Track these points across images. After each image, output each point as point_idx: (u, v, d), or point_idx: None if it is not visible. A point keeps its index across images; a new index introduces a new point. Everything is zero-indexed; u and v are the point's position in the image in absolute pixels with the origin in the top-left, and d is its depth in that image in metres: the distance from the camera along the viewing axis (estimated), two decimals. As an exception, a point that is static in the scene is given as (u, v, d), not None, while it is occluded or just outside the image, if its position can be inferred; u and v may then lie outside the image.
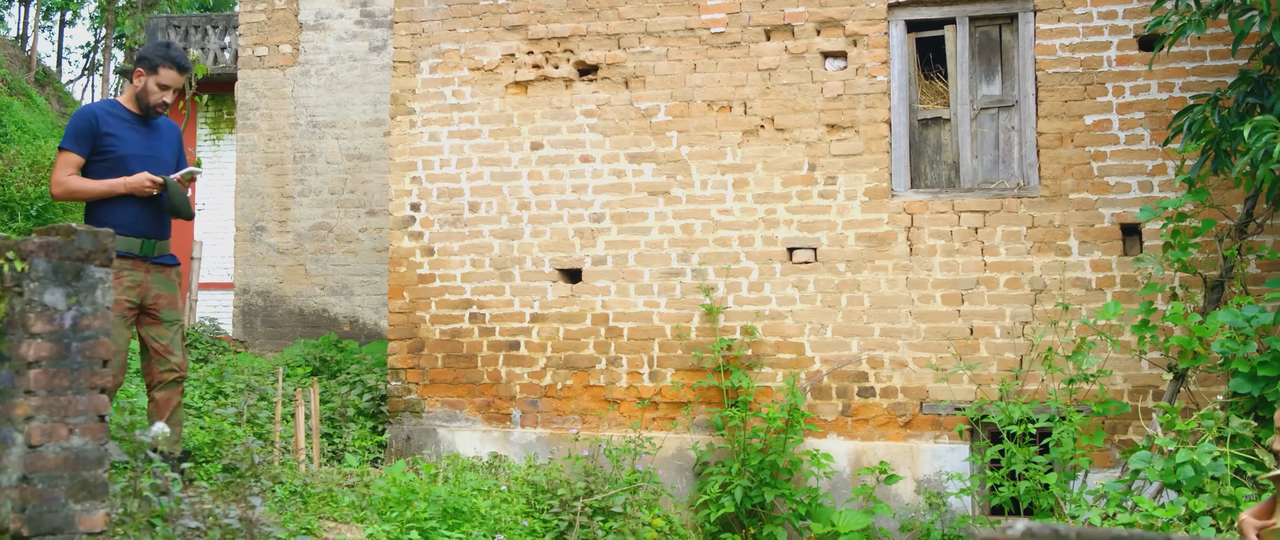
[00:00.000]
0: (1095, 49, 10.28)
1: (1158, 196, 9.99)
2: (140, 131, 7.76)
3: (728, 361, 10.74)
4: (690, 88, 11.06)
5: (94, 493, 5.42)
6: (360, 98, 14.22)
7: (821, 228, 10.71)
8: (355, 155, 14.15)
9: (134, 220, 7.60)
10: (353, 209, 14.10)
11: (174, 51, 7.78)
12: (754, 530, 10.26)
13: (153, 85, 7.68)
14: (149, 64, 7.68)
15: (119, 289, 7.39)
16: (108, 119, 7.66)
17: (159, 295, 7.72)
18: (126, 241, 7.48)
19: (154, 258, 7.70)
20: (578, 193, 11.21)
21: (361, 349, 13.38)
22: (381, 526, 8.64)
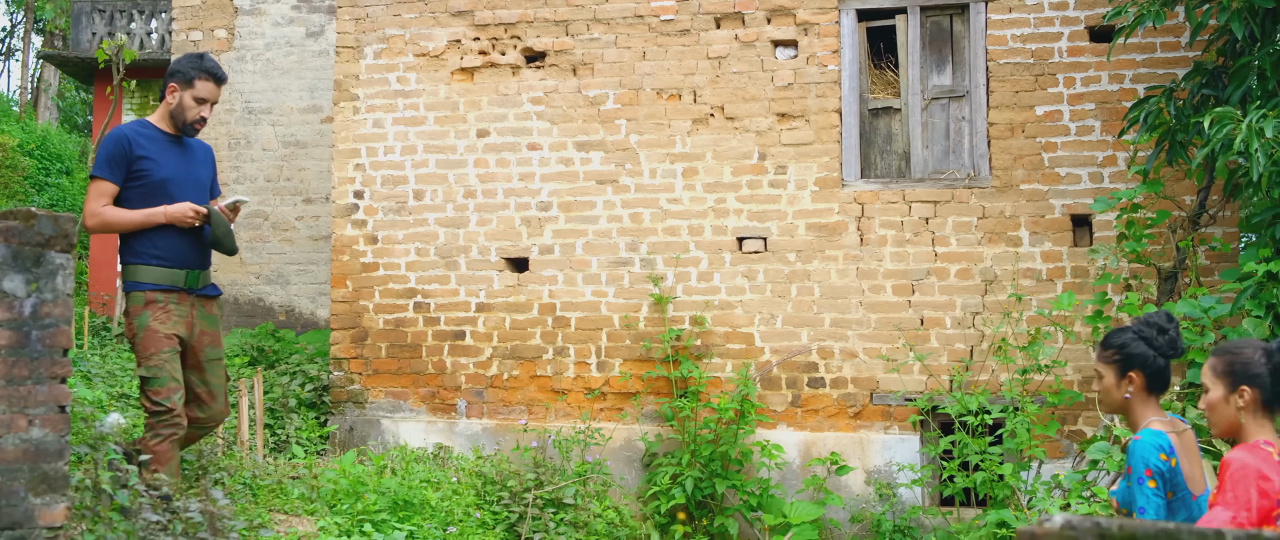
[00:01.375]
0: (1046, 40, 10.28)
1: (1108, 188, 10.01)
2: (175, 152, 7.11)
3: (677, 352, 10.66)
4: (639, 75, 10.96)
5: (54, 486, 5.25)
6: (297, 84, 14.00)
7: (771, 217, 10.64)
8: (292, 142, 13.93)
9: (177, 250, 6.99)
10: (289, 197, 13.89)
11: (208, 62, 7.14)
12: (705, 522, 10.18)
13: (189, 100, 7.03)
14: (183, 78, 7.04)
15: (167, 321, 6.86)
16: (140, 141, 7.00)
17: (203, 332, 7.13)
18: (169, 274, 6.93)
19: (198, 290, 7.11)
20: (525, 181, 11.08)
21: (299, 338, 13.18)
22: (332, 519, 8.50)
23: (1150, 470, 4.75)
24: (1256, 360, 4.43)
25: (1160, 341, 4.96)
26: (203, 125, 7.14)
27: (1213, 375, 4.54)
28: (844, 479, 10.30)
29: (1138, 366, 4.96)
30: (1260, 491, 4.23)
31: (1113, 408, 5.08)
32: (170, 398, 6.76)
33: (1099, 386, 5.09)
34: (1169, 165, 9.21)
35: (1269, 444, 4.38)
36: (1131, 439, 4.86)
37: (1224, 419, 4.52)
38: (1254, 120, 7.67)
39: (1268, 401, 4.43)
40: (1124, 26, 9.14)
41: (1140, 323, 5.04)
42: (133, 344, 6.91)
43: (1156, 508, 4.75)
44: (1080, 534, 2.93)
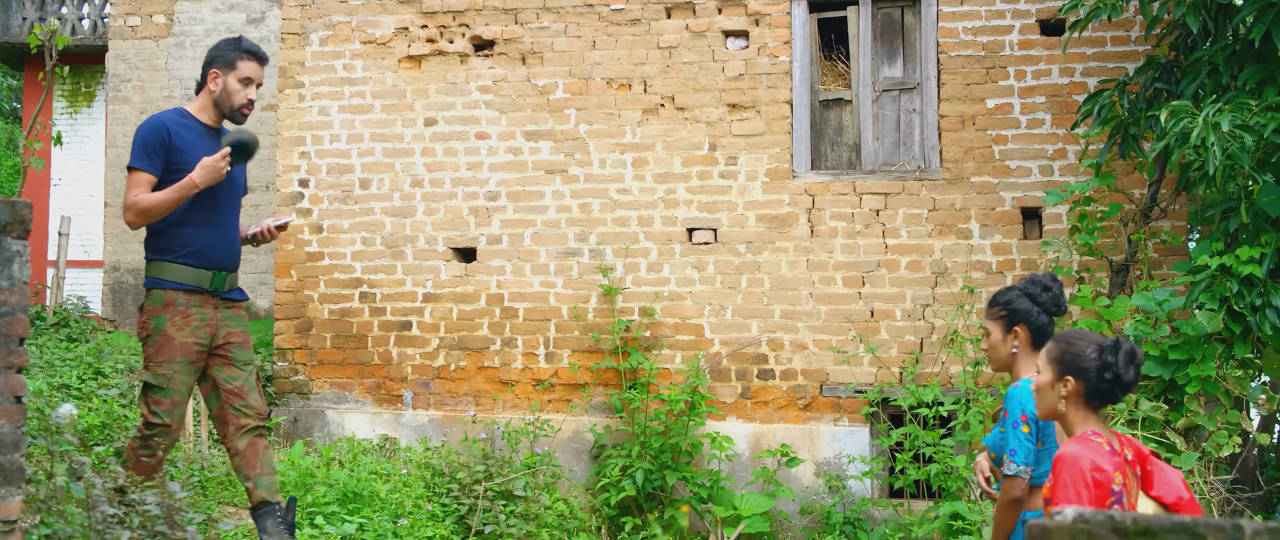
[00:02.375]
0: (997, 33, 10.30)
1: (1058, 181, 10.05)
2: (212, 146, 6.68)
3: (626, 343, 10.60)
4: (589, 65, 10.88)
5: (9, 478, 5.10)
6: (237, 71, 13.81)
7: (722, 208, 10.60)
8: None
9: (206, 249, 6.58)
10: (229, 185, 13.69)
11: (246, 42, 6.74)
12: (654, 514, 10.13)
13: (234, 83, 6.64)
14: (224, 61, 6.65)
15: (185, 329, 6.46)
16: (179, 130, 6.57)
17: (230, 333, 6.70)
18: (195, 274, 6.53)
19: (223, 292, 6.69)
20: (473, 170, 10.98)
21: (238, 329, 12.99)
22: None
23: (1026, 415, 4.96)
24: (1087, 354, 4.51)
25: (1044, 298, 5.23)
26: (251, 109, 6.76)
27: (1046, 359, 4.62)
28: (794, 471, 10.28)
29: (1022, 321, 5.22)
30: (1094, 482, 4.31)
31: (999, 363, 5.31)
32: (172, 412, 6.43)
33: (986, 343, 5.33)
34: (1122, 158, 9.25)
35: (1097, 434, 4.45)
36: (1012, 387, 5.06)
37: (1047, 403, 4.61)
38: (1210, 114, 7.70)
39: (1090, 396, 4.50)
40: (1078, 20, 9.16)
41: (1026, 281, 5.30)
42: (143, 343, 6.55)
43: (1027, 452, 4.94)
44: (1094, 527, 2.90)
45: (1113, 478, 4.37)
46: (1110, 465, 4.39)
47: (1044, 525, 2.96)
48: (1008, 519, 5.03)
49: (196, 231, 6.54)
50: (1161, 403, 8.24)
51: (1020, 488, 4.98)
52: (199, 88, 6.76)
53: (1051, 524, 2.95)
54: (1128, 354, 4.48)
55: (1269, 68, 8.30)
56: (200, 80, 6.73)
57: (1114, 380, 4.48)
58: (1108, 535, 2.88)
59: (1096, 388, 4.50)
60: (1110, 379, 4.48)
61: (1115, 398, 4.53)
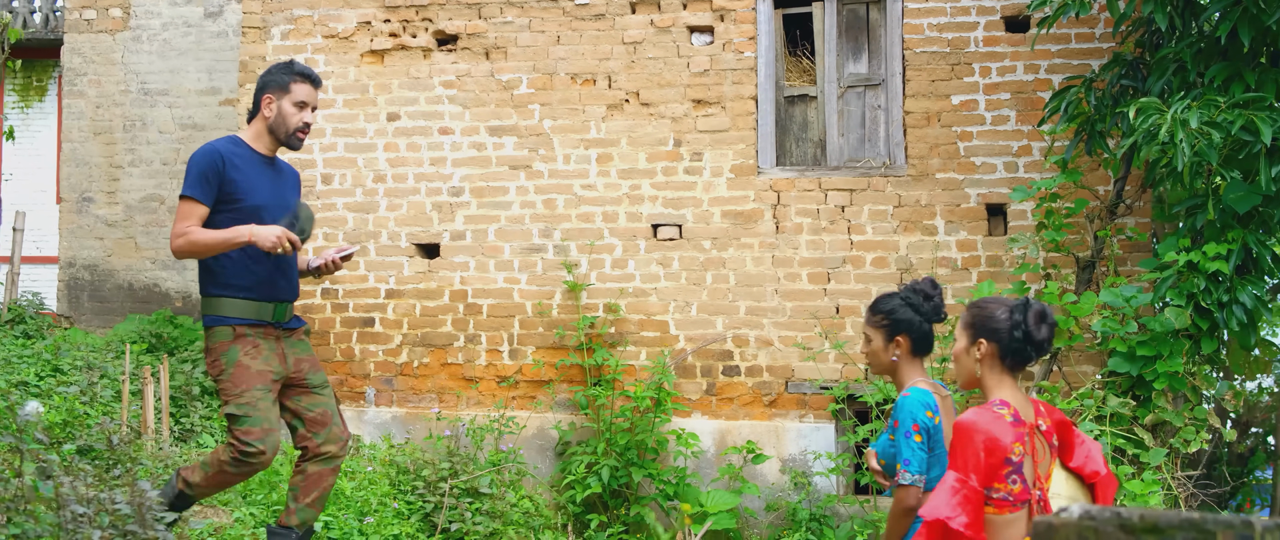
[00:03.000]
0: (962, 29, 10.31)
1: (1023, 177, 10.07)
2: (268, 176, 6.53)
3: (590, 339, 10.56)
4: (553, 60, 10.83)
5: (-20, 475, 5.04)
6: (195, 65, 13.68)
7: (687, 204, 10.58)
8: (189, 125, 13.61)
9: (265, 281, 6.42)
10: (186, 180, 13.56)
11: (298, 65, 6.59)
12: (620, 511, 10.10)
13: (289, 107, 6.49)
14: (277, 85, 6.50)
15: (258, 358, 6.32)
16: (234, 159, 6.39)
17: (299, 360, 6.57)
18: (257, 307, 6.38)
19: (284, 323, 6.55)
20: (436, 166, 10.91)
21: (196, 325, 12.88)
22: (247, 509, 8.33)
23: (917, 425, 5.04)
24: (998, 316, 4.65)
25: (926, 307, 5.30)
26: (307, 132, 6.60)
27: (960, 327, 4.77)
28: (759, 468, 10.27)
29: (905, 331, 5.29)
30: (987, 449, 4.41)
31: (880, 369, 5.39)
32: (263, 440, 6.24)
33: (867, 349, 5.40)
34: (1088, 155, 9.28)
35: (1004, 404, 4.55)
36: (901, 396, 5.14)
37: (965, 370, 4.75)
38: (1179, 111, 7.73)
39: (1004, 357, 4.63)
40: (1045, 17, 9.19)
41: (908, 289, 5.36)
42: (218, 382, 6.36)
43: (920, 461, 5.01)
44: (1100, 524, 2.88)
45: (1010, 447, 4.45)
46: (1009, 435, 4.46)
47: (1050, 522, 2.94)
48: (901, 526, 5.10)
49: (256, 265, 6.39)
50: (1130, 399, 8.27)
51: (914, 497, 5.04)
52: (251, 115, 6.59)
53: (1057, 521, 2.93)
54: (1038, 313, 4.62)
55: (1235, 65, 8.34)
56: (253, 108, 6.56)
57: (1026, 339, 4.59)
58: (1114, 532, 2.87)
59: (1009, 347, 4.61)
60: (1022, 338, 4.59)
61: (1029, 357, 4.65)
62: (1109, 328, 8.35)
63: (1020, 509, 4.50)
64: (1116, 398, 8.19)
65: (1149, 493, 7.64)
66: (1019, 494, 4.50)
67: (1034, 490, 4.54)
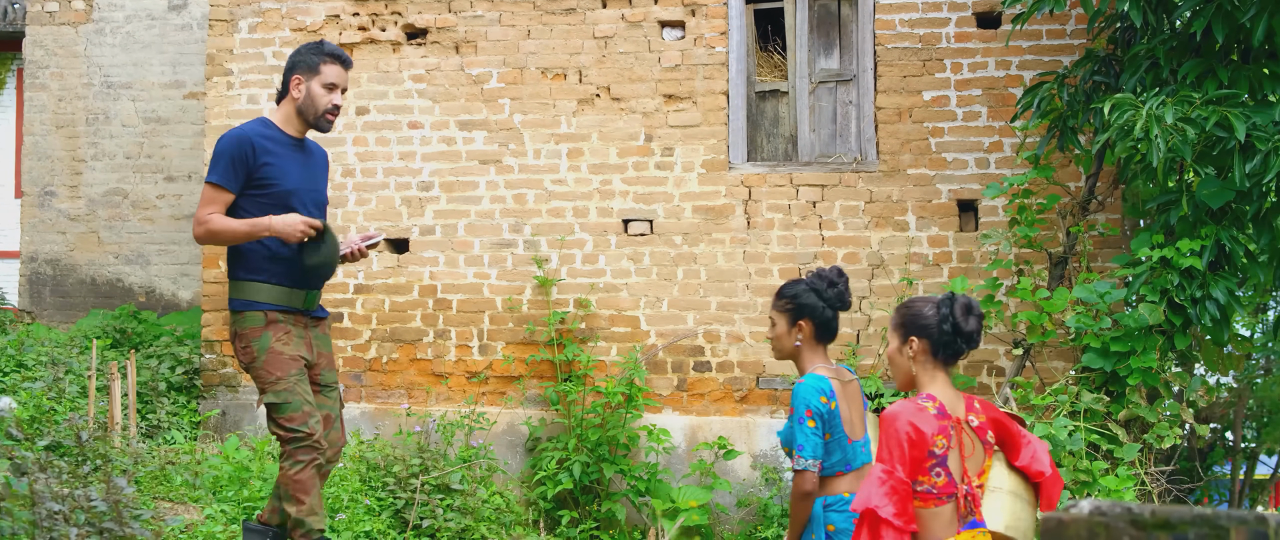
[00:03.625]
0: (934, 25, 10.31)
1: (995, 173, 10.08)
2: (299, 159, 6.48)
3: (561, 335, 10.51)
4: (524, 54, 10.78)
5: (-46, 472, 4.96)
6: (159, 58, 13.55)
7: (658, 199, 10.54)
8: (153, 118, 13.48)
9: (293, 267, 6.35)
10: (150, 174, 13.43)
11: (328, 45, 6.50)
12: (592, 507, 10.06)
13: (318, 88, 6.40)
14: (307, 66, 6.40)
15: (290, 342, 6.27)
16: (264, 144, 6.31)
17: (321, 354, 6.55)
18: (288, 293, 6.34)
19: (312, 312, 6.53)
20: (405, 160, 10.84)
21: (162, 320, 12.77)
22: (218, 507, 8.26)
23: (810, 411, 5.13)
24: (926, 313, 4.76)
25: (830, 294, 5.38)
26: (337, 114, 6.51)
27: (891, 328, 4.87)
28: (731, 463, 10.24)
29: (808, 316, 5.36)
30: (911, 442, 4.50)
31: (783, 354, 5.48)
32: (307, 422, 6.15)
33: (771, 333, 5.48)
34: (1060, 151, 9.30)
35: (930, 398, 4.66)
36: (797, 383, 5.25)
37: (900, 370, 4.83)
38: (1154, 107, 7.74)
39: (936, 353, 4.73)
40: (1020, 13, 9.20)
41: (814, 276, 5.45)
42: (251, 369, 6.28)
43: (814, 446, 5.11)
44: (1111, 520, 2.86)
45: (932, 440, 4.54)
46: (932, 427, 4.56)
47: (1060, 518, 2.92)
48: (802, 511, 5.19)
49: (286, 250, 6.30)
50: (1103, 395, 8.29)
51: (811, 481, 5.15)
52: (280, 96, 6.49)
53: (1067, 517, 2.91)
54: (964, 306, 4.75)
55: (1208, 61, 8.37)
56: (281, 88, 6.46)
57: (955, 332, 4.70)
58: (1125, 528, 2.85)
59: (940, 342, 4.72)
60: (951, 331, 4.70)
61: (960, 350, 4.75)
62: (1083, 323, 8.36)
63: (946, 502, 4.58)
64: (1090, 393, 8.20)
65: (1124, 488, 7.65)
66: (943, 487, 4.58)
67: (961, 485, 4.62)
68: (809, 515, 5.19)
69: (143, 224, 13.43)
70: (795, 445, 5.17)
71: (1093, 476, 7.75)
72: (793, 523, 5.26)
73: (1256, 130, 7.82)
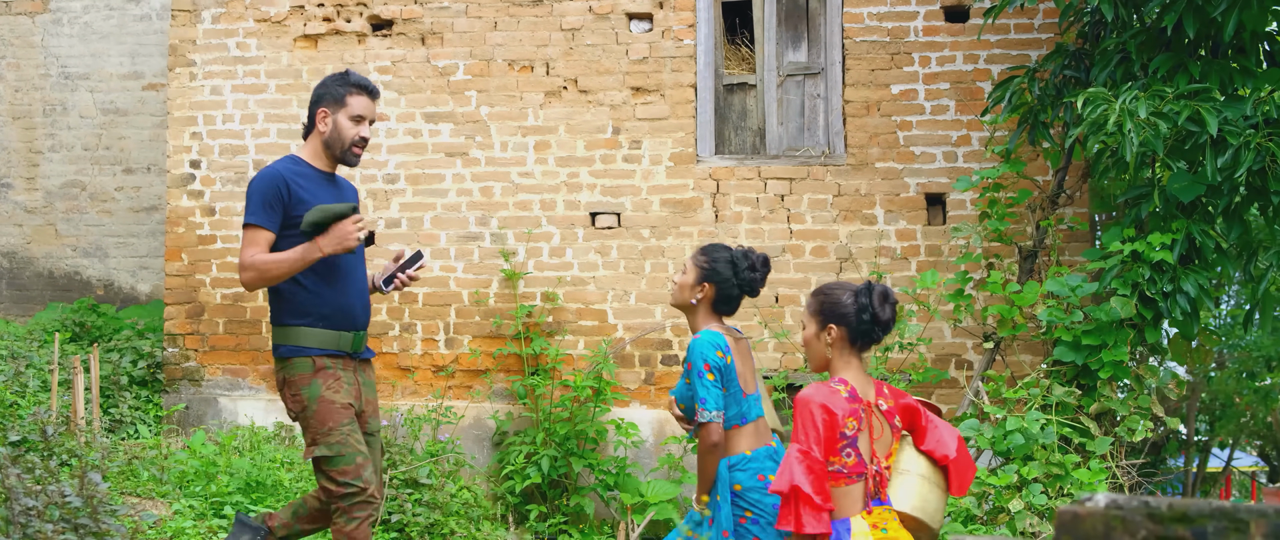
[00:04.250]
0: (902, 19, 10.32)
1: (963, 167, 10.10)
2: (330, 193, 6.18)
3: (528, 328, 10.46)
4: (490, 46, 10.71)
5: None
6: (117, 49, 13.40)
7: (625, 193, 10.51)
8: (111, 109, 13.34)
9: (342, 309, 6.08)
10: (108, 166, 13.28)
11: (353, 76, 6.21)
12: (560, 502, 10.02)
13: (345, 120, 6.11)
14: (332, 98, 6.12)
15: (340, 390, 5.97)
16: (297, 181, 6.04)
17: (368, 400, 6.24)
18: (336, 336, 6.03)
19: (360, 354, 6.23)
20: (371, 153, 10.74)
21: (121, 314, 12.63)
22: (186, 502, 8.18)
23: (708, 364, 5.23)
24: (844, 301, 4.85)
25: (744, 275, 5.47)
26: (363, 148, 6.23)
27: (808, 313, 4.96)
28: (699, 457, 10.20)
29: (715, 282, 5.44)
30: (825, 423, 4.60)
31: (679, 303, 5.58)
32: (361, 475, 5.90)
33: (679, 279, 5.60)
34: (1031, 145, 9.31)
35: (842, 381, 4.78)
36: (694, 339, 5.34)
37: (816, 354, 4.94)
38: (1127, 101, 7.76)
39: (853, 340, 4.83)
40: (991, 7, 9.21)
41: (739, 252, 5.53)
42: (301, 419, 6.03)
43: (717, 398, 5.21)
44: (1127, 513, 2.84)
45: (844, 422, 4.66)
46: (843, 408, 4.67)
47: (1075, 512, 2.90)
48: (710, 464, 5.29)
49: (330, 290, 6.05)
50: (1074, 388, 8.30)
51: (717, 433, 5.23)
52: (306, 131, 6.27)
53: (1083, 510, 2.89)
54: (881, 294, 4.84)
55: (1179, 56, 8.39)
56: (307, 123, 6.21)
57: (872, 320, 4.81)
58: (1142, 521, 2.83)
59: (857, 330, 4.82)
60: (869, 320, 4.81)
61: (876, 337, 4.87)
62: (1055, 317, 8.38)
63: (856, 482, 4.71)
64: (1061, 387, 8.21)
65: (1096, 481, 7.66)
66: (853, 467, 4.70)
67: (871, 465, 4.75)
68: (717, 469, 5.30)
69: (101, 216, 13.28)
70: (698, 399, 5.24)
71: (1065, 470, 7.76)
72: (702, 477, 5.36)
73: (1227, 125, 7.85)
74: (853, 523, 4.69)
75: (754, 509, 5.27)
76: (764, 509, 5.25)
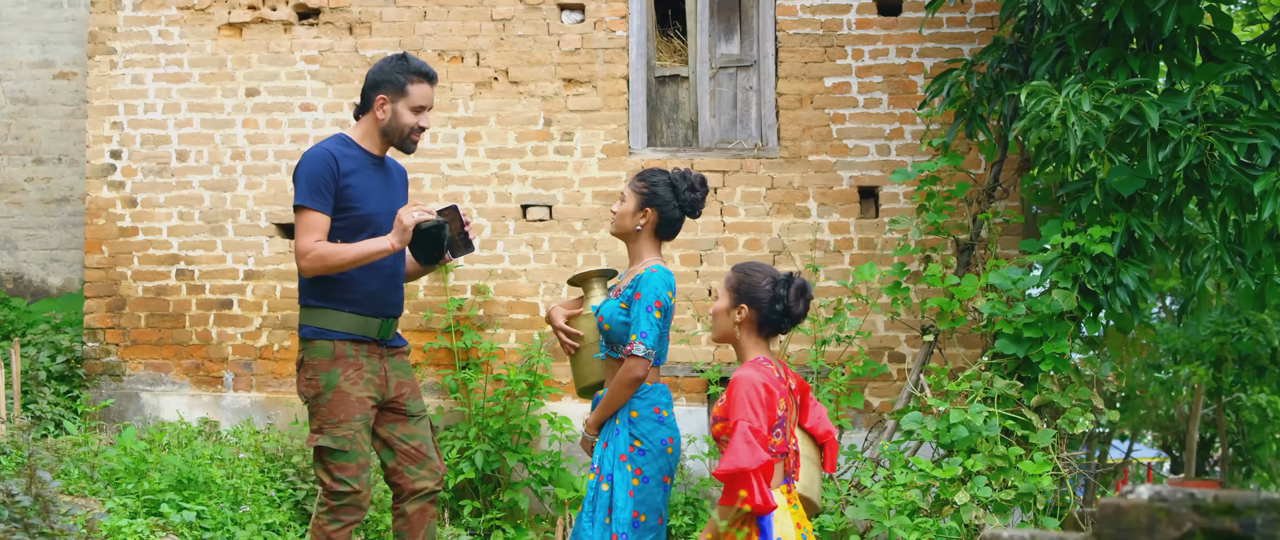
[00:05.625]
0: (835, 11, 10.32)
1: (895, 160, 10.13)
2: (379, 179, 6.04)
3: (459, 322, 10.34)
4: (420, 36, 10.57)
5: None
6: (26, 36, 13.06)
7: (557, 185, 10.42)
8: (21, 99, 13.00)
9: (374, 295, 5.90)
10: (18, 157, 12.95)
11: (414, 62, 6.01)
12: (494, 497, 9.92)
13: (404, 110, 5.93)
14: (394, 86, 5.92)
15: (360, 383, 5.82)
16: (346, 162, 5.87)
17: (401, 384, 6.05)
18: (363, 322, 5.86)
19: (388, 342, 6.05)
20: (297, 143, 10.57)
21: (32, 307, 12.32)
22: (119, 499, 7.99)
23: (659, 302, 5.42)
24: (762, 286, 4.96)
25: (685, 196, 5.61)
26: (420, 136, 6.10)
27: (725, 287, 5.09)
28: (633, 451, 10.15)
29: (656, 206, 5.59)
30: (766, 403, 4.72)
31: (622, 232, 5.72)
32: (358, 477, 5.76)
33: (619, 208, 5.69)
34: (968, 137, 9.35)
35: (768, 361, 4.93)
36: (648, 269, 5.52)
37: (722, 327, 5.08)
38: (1071, 94, 7.80)
39: (762, 324, 4.96)
40: (930, 1, 9.23)
41: (676, 173, 5.67)
42: (312, 404, 5.86)
43: (655, 337, 5.41)
44: (1172, 504, 2.82)
45: (779, 402, 4.82)
46: (778, 391, 4.83)
47: (1118, 504, 2.88)
48: (625, 395, 5.45)
49: (363, 275, 5.85)
50: (1016, 380, 8.34)
51: (645, 368, 5.43)
52: (359, 113, 6.08)
53: (1126, 503, 2.87)
54: (799, 288, 4.96)
55: (1117, 50, 8.46)
56: (361, 105, 6.02)
57: (784, 312, 4.92)
58: (1187, 513, 2.81)
59: (768, 317, 4.94)
60: (781, 310, 4.92)
61: (784, 328, 5.02)
62: (997, 309, 8.41)
63: (779, 460, 4.86)
64: (1003, 379, 8.24)
65: (1042, 473, 7.70)
66: (779, 446, 4.85)
67: (791, 442, 4.94)
68: (627, 401, 5.46)
69: (10, 208, 12.95)
70: (638, 331, 5.37)
71: (1009, 462, 7.80)
72: (610, 404, 5.49)
73: (1167, 119, 7.91)
74: (776, 496, 4.77)
75: (644, 441, 5.47)
76: (652, 442, 5.47)
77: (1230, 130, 7.91)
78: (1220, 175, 7.96)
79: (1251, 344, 13.48)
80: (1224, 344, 13.45)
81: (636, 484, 5.44)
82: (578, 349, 5.90)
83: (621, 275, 5.96)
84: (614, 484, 5.45)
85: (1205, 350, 13.94)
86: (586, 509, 5.56)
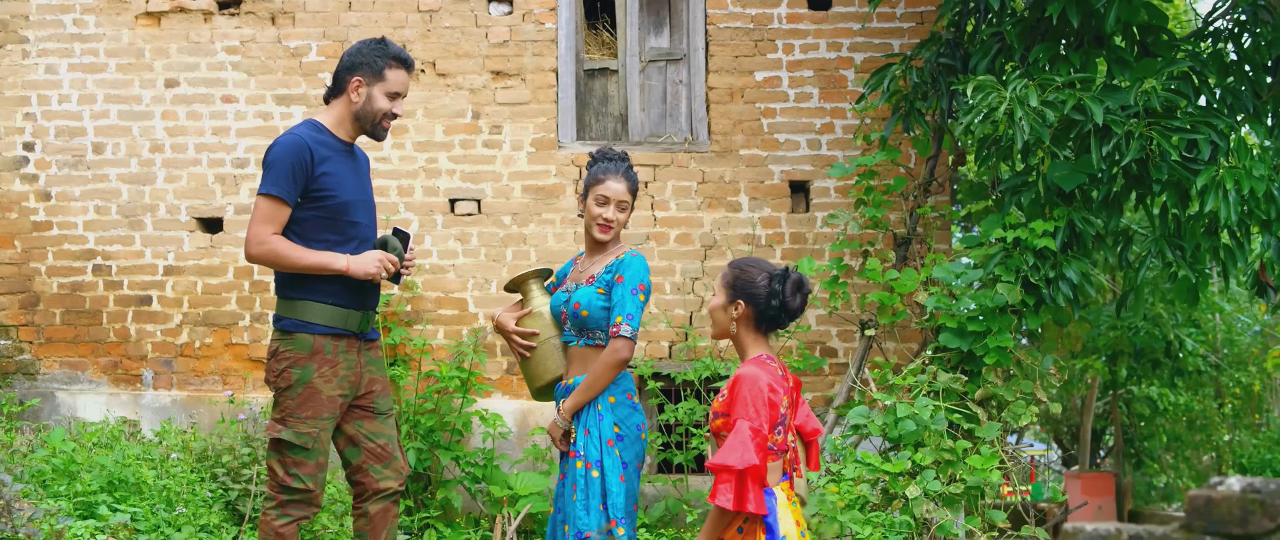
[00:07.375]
0: (766, 5, 10.30)
1: (827, 155, 10.14)
2: (350, 166, 5.89)
3: (386, 318, 10.18)
4: (345, 27, 10.39)
5: None
6: (-77, 24, 12.68)
7: (486, 178, 10.30)
8: (-83, 88, 12.62)
9: (352, 288, 5.77)
10: (-86, 148, 12.57)
11: (392, 47, 5.88)
12: (426, 496, 9.77)
13: (380, 94, 5.79)
14: (371, 69, 5.78)
15: (333, 381, 5.69)
16: (320, 150, 5.71)
17: (373, 379, 5.92)
18: (343, 315, 5.74)
19: (365, 335, 5.92)
20: (219, 135, 10.34)
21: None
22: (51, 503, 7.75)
23: (643, 285, 5.58)
24: (758, 281, 4.91)
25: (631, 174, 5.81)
26: (391, 123, 5.93)
27: (721, 283, 5.03)
28: (565, 448, 10.06)
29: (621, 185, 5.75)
30: (769, 403, 4.66)
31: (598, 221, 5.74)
32: (314, 477, 5.64)
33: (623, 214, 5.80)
34: (906, 133, 9.37)
35: (771, 359, 4.87)
36: (629, 254, 5.67)
37: (719, 323, 5.04)
38: (1017, 89, 7.84)
39: (759, 321, 4.90)
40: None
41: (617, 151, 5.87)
42: (281, 395, 5.70)
43: (639, 319, 5.52)
44: (1265, 496, 2.80)
45: (782, 400, 4.76)
46: (782, 389, 4.78)
47: (1209, 496, 2.85)
48: (608, 378, 5.53)
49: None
50: (960, 374, 8.37)
51: (631, 349, 5.51)
52: (330, 96, 5.91)
53: (1217, 495, 2.84)
54: (795, 283, 4.88)
55: (1057, 45, 8.53)
56: (333, 87, 5.86)
57: (781, 307, 4.86)
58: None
59: (764, 313, 4.87)
60: (778, 306, 4.85)
61: (782, 323, 4.94)
62: (940, 303, 8.43)
63: (779, 459, 4.81)
64: (947, 373, 8.26)
65: (989, 467, 7.72)
66: (781, 445, 4.80)
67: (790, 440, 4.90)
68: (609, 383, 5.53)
69: (-93, 201, 12.55)
70: (624, 313, 5.46)
71: (956, 456, 7.81)
72: (592, 388, 5.53)
73: (1110, 114, 7.98)
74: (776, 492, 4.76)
75: (622, 426, 5.56)
76: (628, 428, 5.57)
77: (1171, 125, 7.99)
78: (1161, 170, 8.03)
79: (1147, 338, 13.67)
80: (1120, 338, 13.63)
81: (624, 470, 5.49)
82: (534, 349, 5.81)
83: (568, 267, 6.02)
84: (605, 471, 5.46)
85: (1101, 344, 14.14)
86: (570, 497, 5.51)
